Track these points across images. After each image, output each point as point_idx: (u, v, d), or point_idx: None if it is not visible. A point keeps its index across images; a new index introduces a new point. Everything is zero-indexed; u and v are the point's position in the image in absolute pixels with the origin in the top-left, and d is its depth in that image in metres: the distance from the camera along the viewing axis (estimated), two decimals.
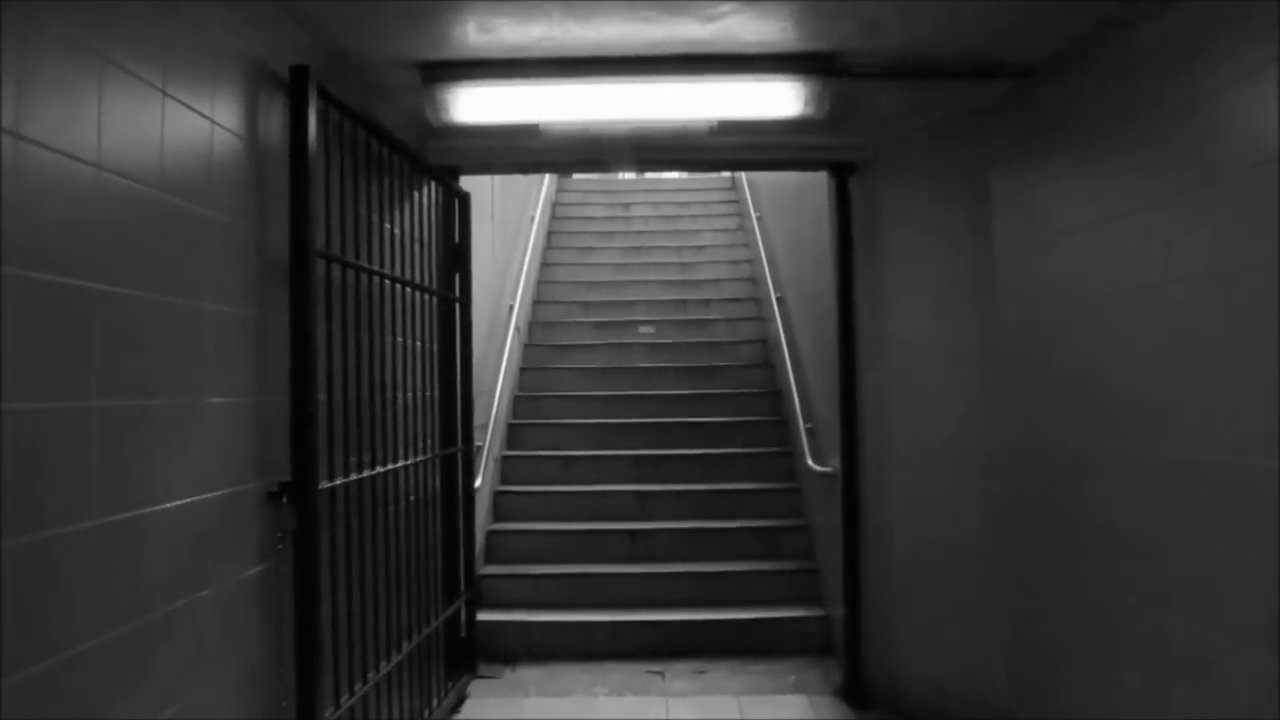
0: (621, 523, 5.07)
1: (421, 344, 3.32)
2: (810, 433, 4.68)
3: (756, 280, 7.34)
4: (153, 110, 1.74)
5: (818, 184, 4.17)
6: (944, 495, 3.38)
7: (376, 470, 2.77)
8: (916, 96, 3.22)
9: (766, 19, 2.54)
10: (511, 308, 6.11)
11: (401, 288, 3.10)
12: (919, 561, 3.48)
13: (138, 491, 1.66)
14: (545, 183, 8.21)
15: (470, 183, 4.00)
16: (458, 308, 3.80)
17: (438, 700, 3.39)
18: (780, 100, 2.94)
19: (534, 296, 7.35)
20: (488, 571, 4.73)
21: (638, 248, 8.32)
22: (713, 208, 9.06)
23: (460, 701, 3.73)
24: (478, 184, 4.61)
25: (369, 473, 2.70)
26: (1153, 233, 2.27)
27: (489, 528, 5.02)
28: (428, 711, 3.27)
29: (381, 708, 2.76)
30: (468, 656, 3.87)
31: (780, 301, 5.94)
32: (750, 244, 7.70)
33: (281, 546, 2.22)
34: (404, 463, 3.05)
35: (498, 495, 5.26)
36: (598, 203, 9.28)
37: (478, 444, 4.48)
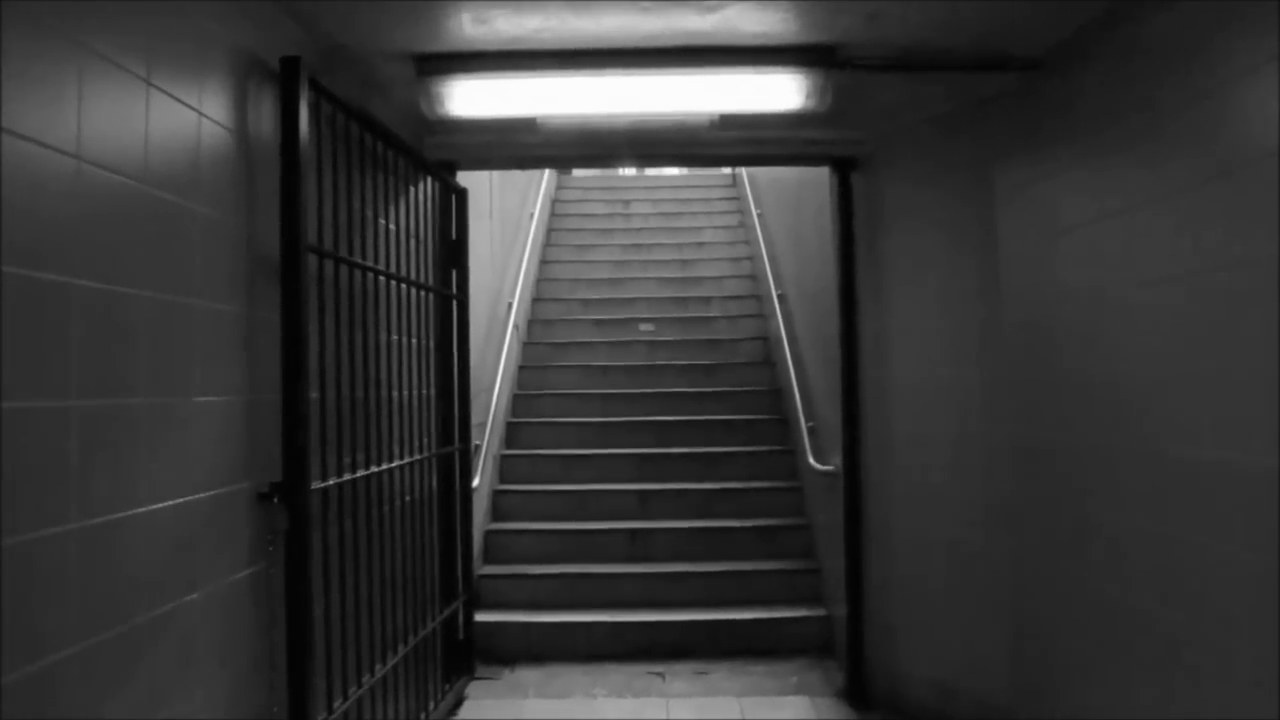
0: (621, 522, 5.03)
1: (418, 341, 3.28)
2: (811, 431, 4.63)
3: (757, 277, 7.29)
4: (136, 101, 1.69)
5: (819, 180, 4.12)
6: (947, 494, 3.34)
7: (371, 470, 2.72)
8: (919, 90, 3.17)
9: (767, 10, 2.49)
10: (510, 305, 6.06)
11: (397, 284, 3.05)
12: (921, 561, 3.44)
13: (121, 493, 1.62)
14: (544, 180, 8.16)
15: (468, 179, 3.96)
16: (455, 305, 3.75)
17: (435, 703, 3.35)
18: (781, 93, 2.89)
19: (533, 294, 7.30)
20: (486, 571, 4.69)
21: (638, 245, 8.27)
22: (713, 205, 9.02)
23: (458, 703, 3.68)
24: (476, 181, 4.56)
25: (363, 472, 2.65)
26: (1163, 227, 2.22)
27: (487, 527, 4.97)
28: (424, 714, 3.22)
29: (376, 711, 2.72)
30: (466, 658, 3.82)
31: (781, 299, 5.89)
32: (751, 241, 7.65)
33: (273, 548, 2.17)
34: (400, 462, 3.01)
35: (496, 494, 5.22)
36: (597, 200, 9.23)
37: (476, 443, 4.44)
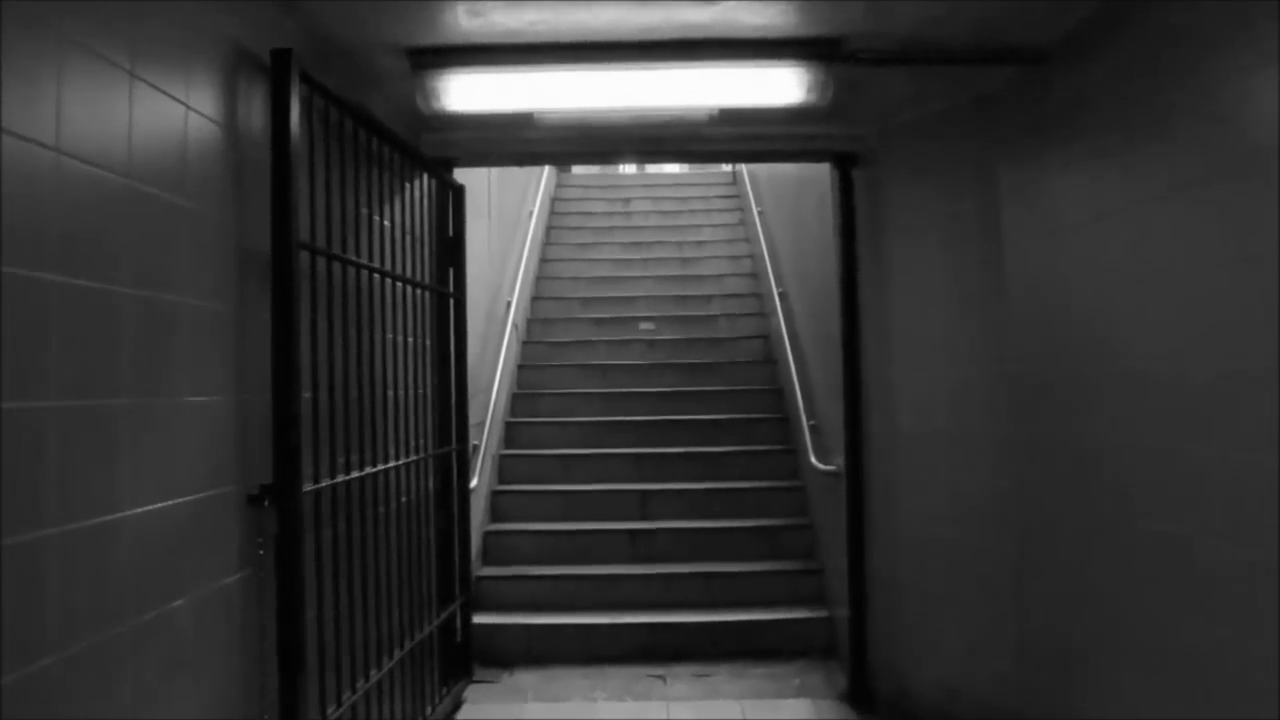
0: (621, 523, 4.98)
1: (414, 340, 3.23)
2: (813, 430, 4.59)
3: (758, 275, 7.25)
4: (119, 92, 1.64)
5: (820, 176, 4.08)
6: (953, 493, 3.29)
7: (366, 471, 2.67)
8: (922, 84, 3.13)
9: (767, 2, 2.44)
10: (509, 304, 6.01)
11: (393, 282, 3.00)
12: (927, 561, 3.39)
13: (101, 497, 1.57)
14: (543, 178, 8.11)
15: (466, 177, 3.91)
16: (452, 303, 3.71)
17: (432, 707, 3.30)
18: (782, 87, 2.84)
19: (532, 293, 7.26)
20: (485, 573, 4.64)
21: (637, 243, 8.22)
22: (713, 203, 8.98)
23: (456, 707, 3.64)
24: (474, 179, 4.51)
25: (357, 474, 2.60)
26: (1172, 223, 2.17)
27: (486, 528, 4.93)
28: (421, 718, 3.17)
29: (372, 716, 2.67)
30: (463, 661, 3.78)
31: (782, 297, 5.85)
32: (751, 239, 7.60)
33: (263, 552, 2.13)
34: (396, 463, 2.96)
35: (495, 495, 5.17)
36: (597, 198, 9.19)
37: (474, 443, 4.40)
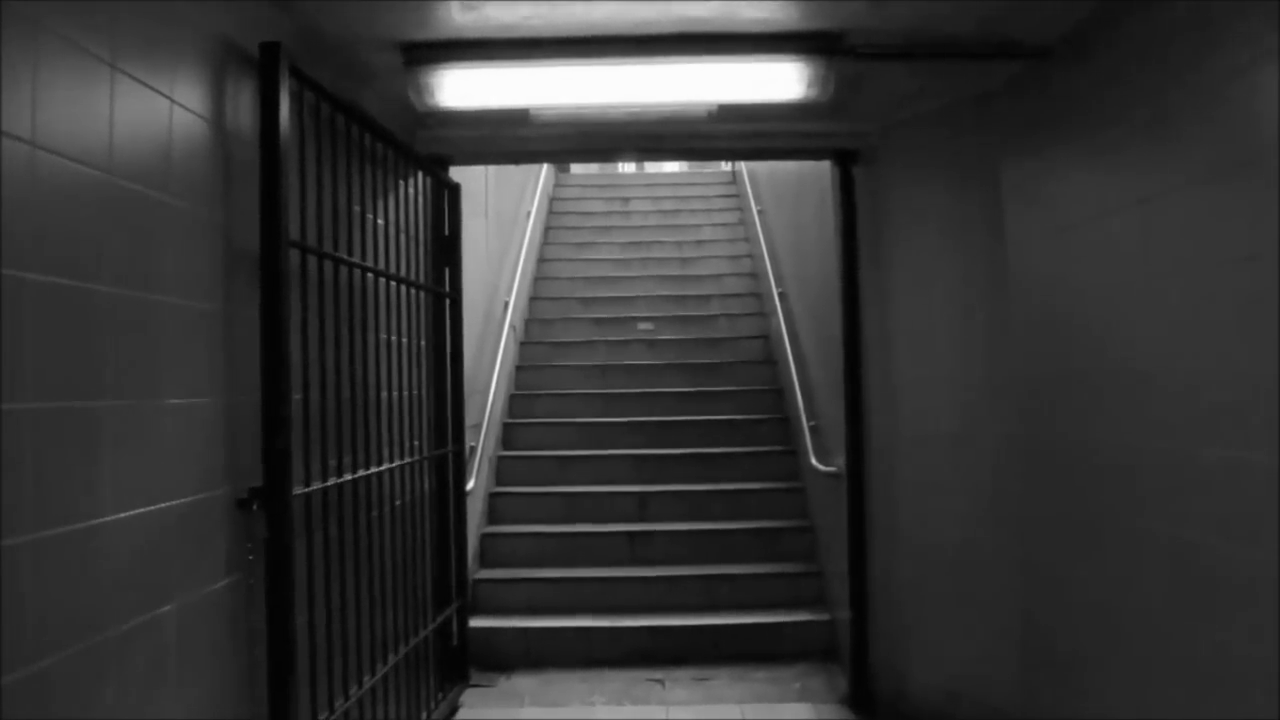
0: (620, 524, 4.93)
1: (409, 341, 3.18)
2: (814, 430, 4.54)
3: (758, 275, 7.20)
4: (99, 85, 1.59)
5: (820, 174, 4.03)
6: (954, 495, 3.24)
7: (359, 474, 2.62)
8: (924, 80, 3.08)
9: None
10: (507, 304, 5.96)
11: (387, 281, 2.96)
12: (928, 563, 3.35)
13: (83, 501, 1.52)
14: (541, 177, 8.06)
15: (463, 176, 3.86)
16: (448, 303, 3.66)
17: (427, 713, 3.25)
18: (782, 82, 2.79)
19: (530, 293, 7.21)
20: (482, 576, 4.60)
21: (636, 243, 8.17)
22: (713, 202, 8.93)
23: (452, 712, 3.59)
24: (471, 178, 4.46)
25: (350, 476, 2.55)
26: (1178, 219, 2.12)
27: (484, 530, 4.88)
28: None
29: None
30: (460, 665, 3.73)
31: (782, 297, 5.81)
32: (751, 238, 7.56)
33: (253, 557, 2.08)
34: (390, 465, 2.91)
35: (493, 497, 5.12)
36: (595, 197, 9.15)
37: (471, 444, 4.36)
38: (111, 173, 1.62)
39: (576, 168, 10.24)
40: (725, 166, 9.45)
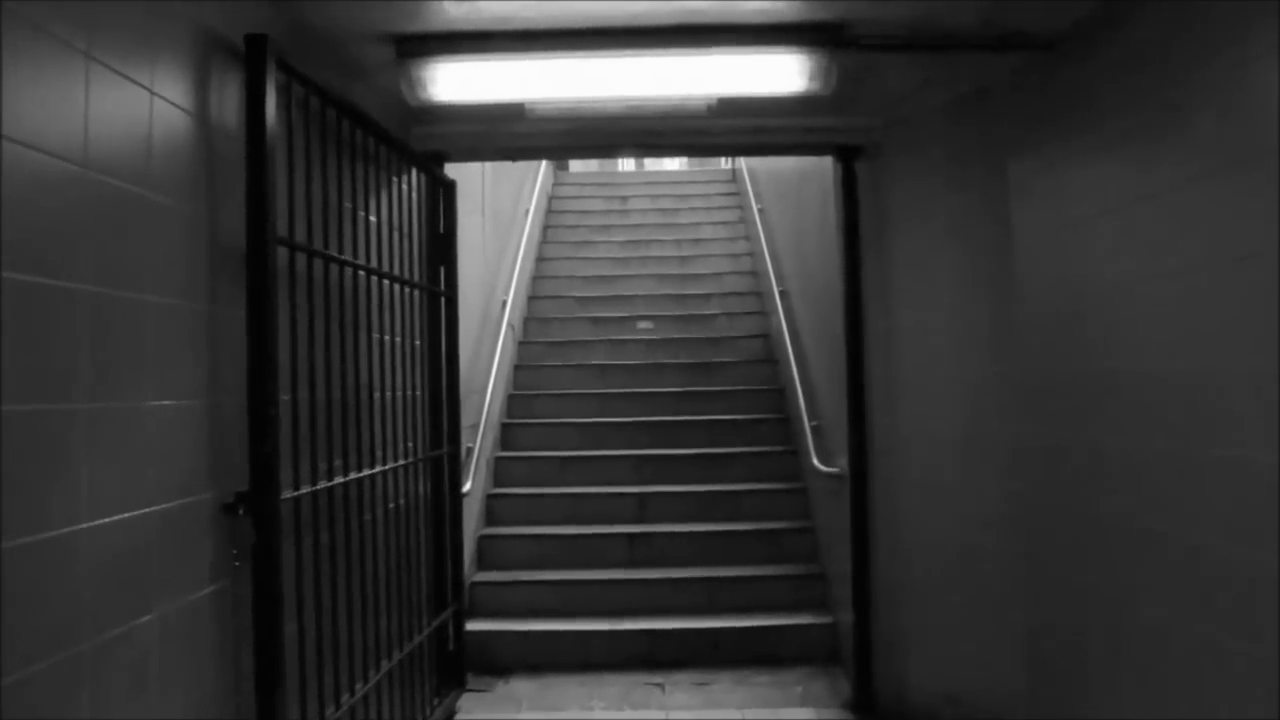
0: (620, 526, 4.87)
1: (404, 340, 3.12)
2: (816, 431, 4.48)
3: (758, 274, 7.14)
4: (73, 75, 1.53)
5: (821, 171, 3.97)
6: (959, 496, 3.18)
7: (351, 476, 2.57)
8: (927, 73, 3.02)
9: None
10: (504, 303, 5.90)
11: (380, 280, 2.90)
12: (931, 566, 3.29)
13: (56, 507, 1.46)
14: (540, 175, 8.00)
15: (460, 173, 3.80)
16: (444, 302, 3.60)
17: (423, 717, 3.20)
18: (784, 75, 2.73)
19: (528, 292, 7.14)
20: (480, 578, 4.54)
21: (636, 241, 8.11)
22: (712, 200, 8.87)
23: (449, 717, 3.53)
24: (468, 176, 4.40)
25: (341, 479, 2.49)
26: (1183, 216, 2.07)
27: (481, 532, 4.82)
28: None
29: None
30: (457, 669, 3.67)
31: (783, 295, 5.75)
32: (751, 236, 7.50)
33: (239, 564, 2.02)
34: (384, 467, 2.85)
35: (490, 498, 5.06)
36: (594, 195, 9.09)
37: (468, 445, 4.30)
38: (88, 167, 1.56)
39: (575, 165, 10.18)
40: (725, 164, 9.39)
